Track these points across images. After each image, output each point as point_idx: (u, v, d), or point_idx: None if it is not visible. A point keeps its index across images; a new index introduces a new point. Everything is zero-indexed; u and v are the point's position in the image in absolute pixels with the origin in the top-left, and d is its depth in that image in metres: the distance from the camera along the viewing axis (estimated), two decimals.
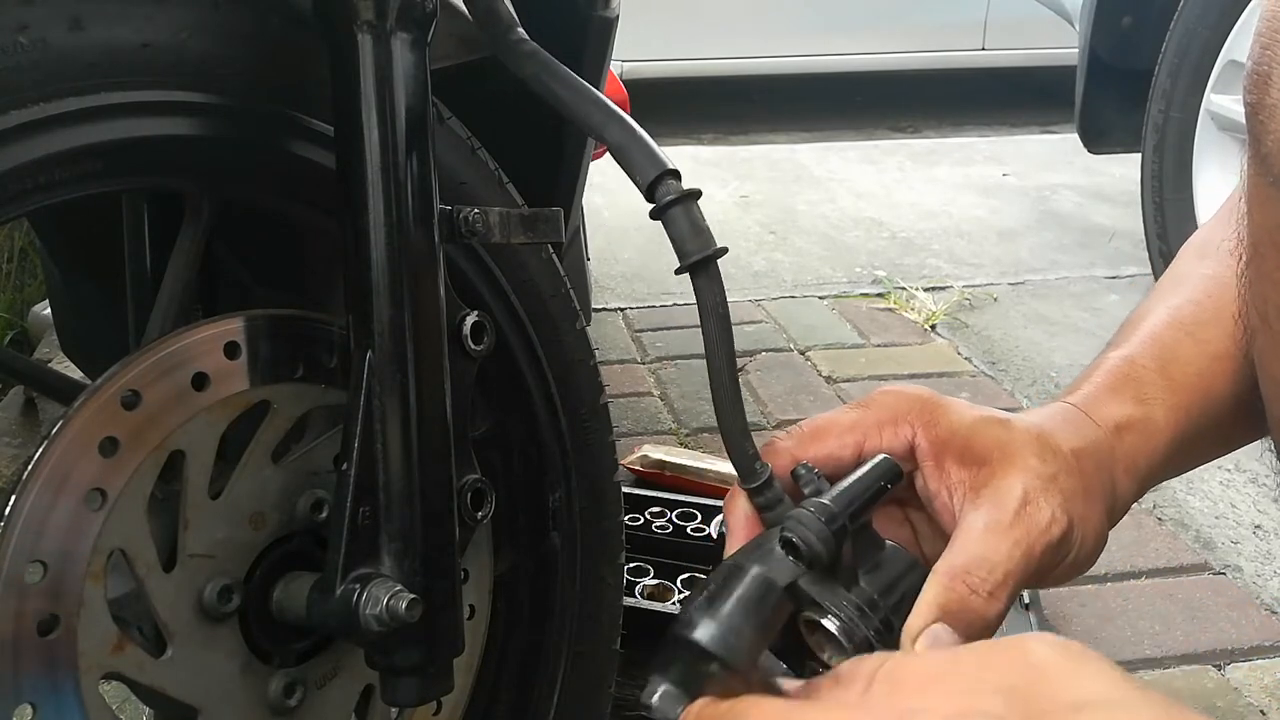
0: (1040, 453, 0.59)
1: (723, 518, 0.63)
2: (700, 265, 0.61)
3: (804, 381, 2.28)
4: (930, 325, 2.59)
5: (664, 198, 0.63)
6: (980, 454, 0.59)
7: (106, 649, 0.61)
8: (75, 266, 1.05)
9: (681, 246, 0.62)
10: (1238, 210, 0.62)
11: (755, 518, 0.60)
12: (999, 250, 3.13)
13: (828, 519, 0.54)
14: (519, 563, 0.92)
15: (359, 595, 0.64)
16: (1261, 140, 0.54)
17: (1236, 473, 1.89)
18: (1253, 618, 1.52)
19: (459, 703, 0.86)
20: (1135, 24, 2.51)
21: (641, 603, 1.36)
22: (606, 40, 1.00)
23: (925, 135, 4.76)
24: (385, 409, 0.65)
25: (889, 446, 0.60)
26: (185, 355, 0.65)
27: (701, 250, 0.61)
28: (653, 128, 0.66)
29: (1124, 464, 0.64)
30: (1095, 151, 2.77)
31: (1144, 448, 0.65)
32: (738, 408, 0.61)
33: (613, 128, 0.66)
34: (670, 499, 1.60)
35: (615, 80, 1.69)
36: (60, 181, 0.62)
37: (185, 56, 0.65)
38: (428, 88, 0.66)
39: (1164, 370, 0.67)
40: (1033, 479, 0.58)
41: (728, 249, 0.63)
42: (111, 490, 0.61)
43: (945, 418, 0.60)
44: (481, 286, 0.84)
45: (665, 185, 0.63)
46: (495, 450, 0.90)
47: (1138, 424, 0.65)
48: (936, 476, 0.60)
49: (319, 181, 0.70)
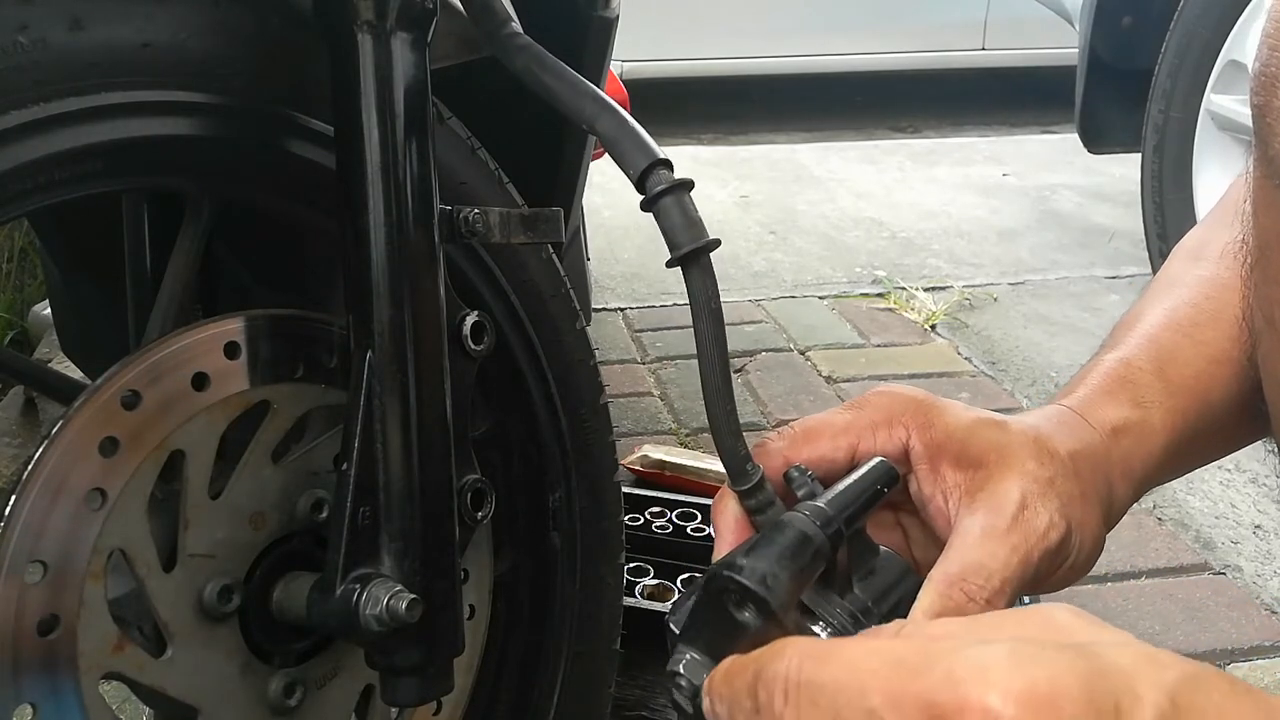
0: (1037, 455, 0.59)
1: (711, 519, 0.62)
2: (692, 257, 0.59)
3: (804, 381, 2.28)
4: (930, 325, 2.59)
5: (654, 188, 0.61)
6: (976, 457, 0.58)
7: (106, 649, 0.61)
8: (75, 266, 1.05)
9: (673, 237, 0.60)
10: (1242, 212, 0.62)
11: (745, 520, 0.58)
12: (999, 250, 3.13)
13: (823, 523, 0.52)
14: (519, 563, 0.92)
15: (359, 595, 0.64)
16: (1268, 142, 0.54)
17: (1236, 473, 1.89)
18: (1253, 618, 1.52)
19: (459, 703, 0.86)
20: (1135, 24, 2.51)
21: (641, 603, 1.36)
22: (606, 40, 1.00)
23: (925, 135, 4.76)
24: (385, 409, 0.65)
25: (883, 448, 0.59)
26: (185, 355, 0.65)
27: (694, 241, 0.60)
28: (653, 128, 0.65)
29: (1121, 467, 0.63)
30: (1095, 151, 2.77)
31: (1141, 451, 0.64)
32: (729, 406, 0.59)
33: (604, 119, 0.65)
34: (670, 499, 1.60)
35: (615, 80, 1.69)
36: (60, 181, 0.62)
37: (185, 56, 0.64)
38: (428, 88, 0.66)
39: (1161, 373, 0.66)
40: (1030, 483, 0.57)
41: (720, 241, 0.61)
42: (111, 490, 0.61)
43: (940, 419, 0.60)
44: (481, 286, 0.84)
45: (656, 175, 0.62)
46: (495, 450, 0.90)
47: (1134, 427, 0.64)
48: (931, 480, 0.59)
49: (319, 181, 0.70)
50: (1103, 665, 0.37)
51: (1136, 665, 0.38)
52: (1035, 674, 0.37)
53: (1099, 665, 0.37)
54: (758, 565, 0.49)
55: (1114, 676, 0.37)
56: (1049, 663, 0.37)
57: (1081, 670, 0.37)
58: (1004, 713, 0.36)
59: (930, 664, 0.38)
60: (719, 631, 0.49)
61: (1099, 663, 0.37)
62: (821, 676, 0.40)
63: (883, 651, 0.40)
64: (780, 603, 0.49)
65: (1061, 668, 0.37)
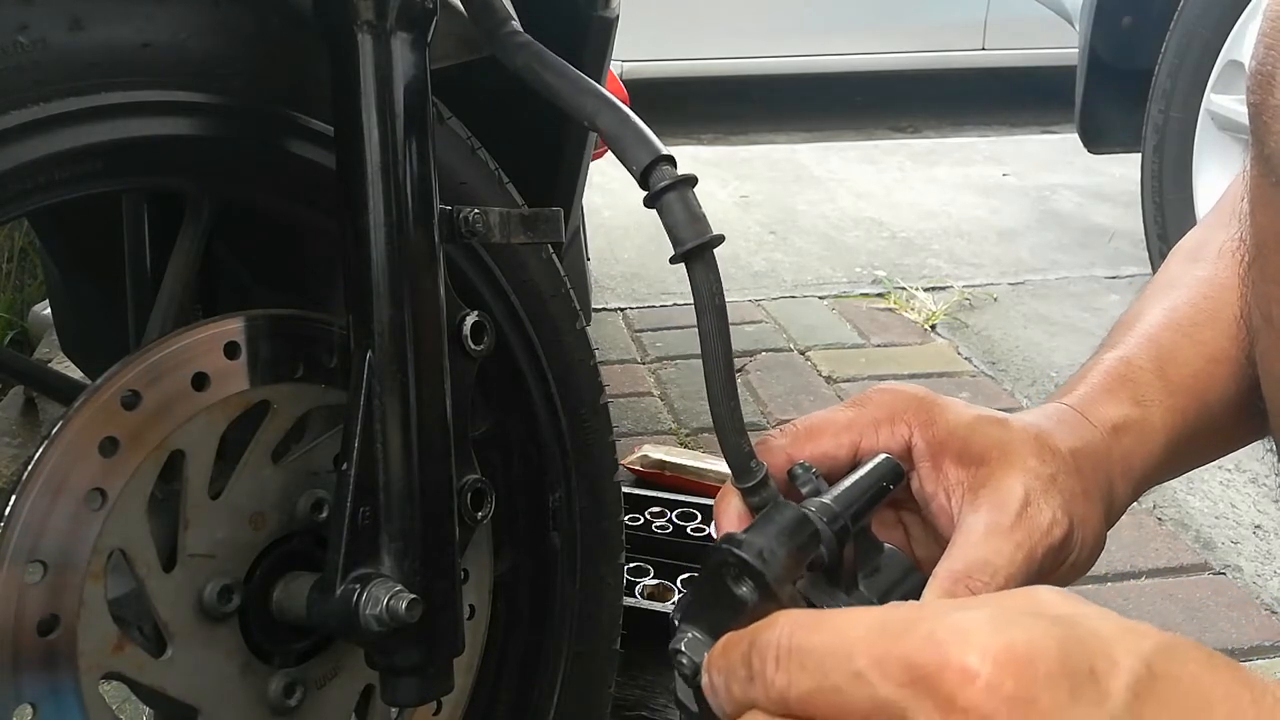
0: (1039, 453, 0.59)
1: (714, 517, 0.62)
2: (696, 253, 0.59)
3: (804, 381, 2.28)
4: (930, 325, 2.59)
5: (658, 183, 0.61)
6: (978, 454, 0.58)
7: (106, 649, 0.61)
8: (75, 266, 1.05)
9: (676, 234, 0.60)
10: (1240, 212, 0.62)
11: (748, 517, 0.58)
12: (999, 250, 3.13)
13: (829, 519, 0.53)
14: (519, 563, 0.92)
15: (359, 595, 0.64)
16: (1265, 142, 0.54)
17: (1236, 473, 1.89)
18: (1253, 618, 1.52)
19: (459, 703, 0.86)
20: (1135, 24, 2.51)
21: (641, 603, 1.36)
22: (606, 40, 1.00)
23: (925, 135, 4.76)
24: (385, 409, 0.65)
25: (885, 446, 0.60)
26: (185, 355, 0.64)
27: (697, 238, 0.59)
28: (653, 128, 0.65)
29: (1121, 465, 0.63)
30: (1095, 151, 2.77)
31: (1141, 449, 0.64)
32: (733, 404, 0.59)
33: (606, 114, 0.65)
34: (670, 499, 1.60)
35: (615, 80, 1.69)
36: (60, 181, 0.62)
37: (185, 56, 0.64)
38: (428, 88, 0.66)
39: (1161, 371, 0.66)
40: (1033, 479, 0.57)
41: (724, 237, 0.61)
42: (111, 490, 0.61)
43: (942, 417, 0.60)
44: (481, 286, 0.84)
45: (659, 171, 0.61)
46: (495, 450, 0.90)
47: (1134, 425, 0.64)
48: (933, 477, 0.59)
49: (319, 181, 0.70)
50: (1081, 632, 0.38)
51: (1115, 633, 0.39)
52: (1014, 636, 0.38)
53: (1077, 632, 0.38)
54: (755, 540, 0.51)
55: (1091, 642, 0.38)
56: (1027, 627, 0.38)
57: (1059, 635, 0.38)
58: (981, 671, 0.37)
59: (913, 627, 0.40)
60: (719, 610, 0.50)
61: (1078, 630, 0.39)
62: (811, 642, 0.41)
63: (869, 617, 0.42)
64: (775, 576, 0.50)
65: (1039, 632, 0.38)
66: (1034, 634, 0.38)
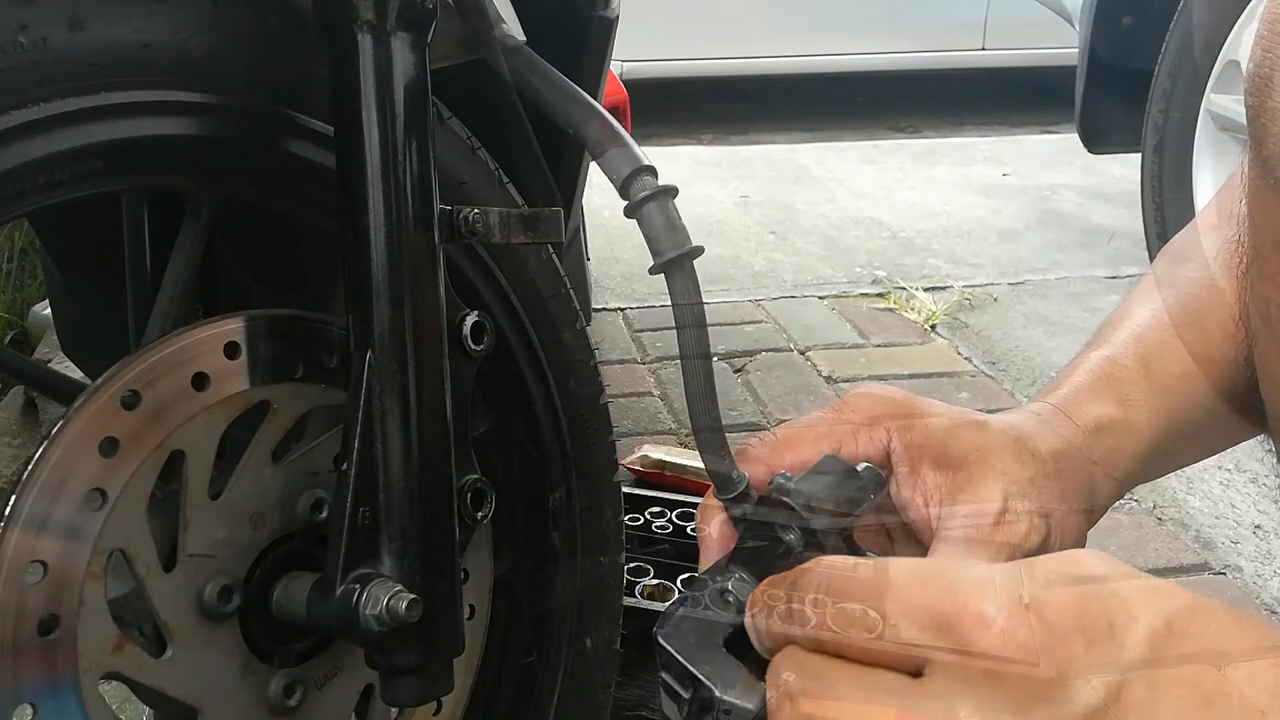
0: (1018, 455, 0.59)
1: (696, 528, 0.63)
2: (675, 264, 0.59)
3: (804, 381, 2.28)
4: (930, 325, 2.59)
5: (638, 194, 0.62)
6: (957, 458, 0.59)
7: (106, 649, 0.61)
8: (75, 266, 1.05)
9: (655, 245, 0.60)
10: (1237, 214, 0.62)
11: (731, 528, 0.59)
12: (999, 250, 3.13)
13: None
14: (519, 563, 0.92)
15: (359, 595, 0.64)
16: (1263, 143, 0.54)
17: (1236, 473, 1.89)
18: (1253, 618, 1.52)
19: (459, 703, 0.86)
20: (1135, 24, 2.51)
21: (641, 603, 1.36)
22: (606, 40, 1.00)
23: (925, 135, 4.76)
24: (385, 409, 0.65)
25: (864, 451, 0.60)
26: (185, 355, 0.65)
27: (676, 249, 0.60)
28: (653, 128, 0.65)
29: (1103, 465, 0.64)
30: (1095, 151, 2.77)
31: (1124, 449, 0.65)
32: (714, 415, 0.59)
33: (591, 124, 0.65)
34: (670, 499, 1.60)
35: (615, 80, 1.69)
36: (60, 181, 0.62)
37: (185, 56, 0.64)
38: (428, 88, 0.66)
39: (1146, 371, 0.67)
40: (1010, 484, 0.58)
41: (704, 248, 0.61)
42: (111, 490, 0.61)
43: (920, 420, 0.60)
44: (481, 286, 0.84)
45: (640, 181, 0.62)
46: (495, 450, 0.90)
47: (1118, 424, 0.65)
48: (911, 482, 0.60)
49: (319, 181, 0.70)
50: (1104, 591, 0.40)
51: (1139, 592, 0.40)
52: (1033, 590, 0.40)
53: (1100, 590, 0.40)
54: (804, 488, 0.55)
55: (1111, 600, 0.40)
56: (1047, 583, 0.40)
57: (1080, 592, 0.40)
58: (996, 619, 0.39)
59: (938, 576, 0.42)
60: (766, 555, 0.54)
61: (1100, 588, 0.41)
62: (845, 585, 0.44)
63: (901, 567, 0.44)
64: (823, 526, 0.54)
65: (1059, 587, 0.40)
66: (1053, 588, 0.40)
